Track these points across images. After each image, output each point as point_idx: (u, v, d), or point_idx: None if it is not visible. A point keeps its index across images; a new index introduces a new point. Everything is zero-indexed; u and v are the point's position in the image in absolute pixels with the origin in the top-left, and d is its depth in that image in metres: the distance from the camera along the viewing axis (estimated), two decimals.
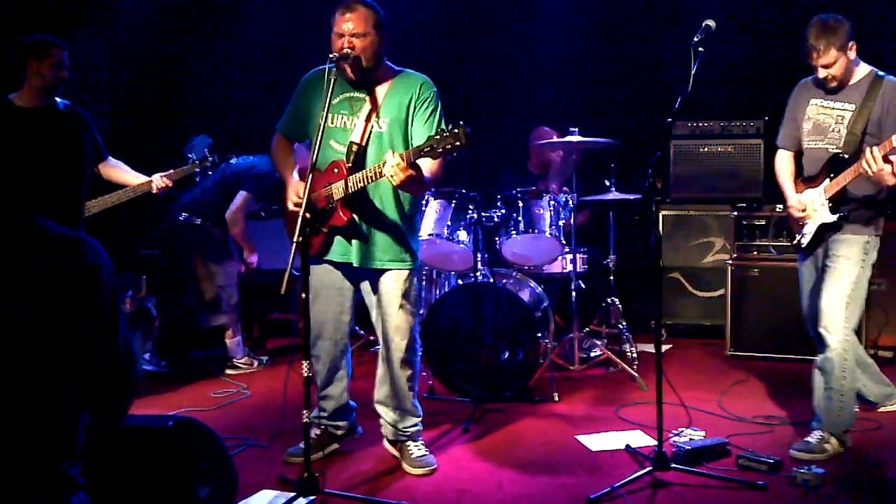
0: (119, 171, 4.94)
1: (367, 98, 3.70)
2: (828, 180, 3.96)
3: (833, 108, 4.01)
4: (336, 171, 3.65)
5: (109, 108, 5.47)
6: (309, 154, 3.43)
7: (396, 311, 3.78)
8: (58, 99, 4.51)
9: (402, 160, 3.37)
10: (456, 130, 3.31)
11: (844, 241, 3.95)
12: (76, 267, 1.96)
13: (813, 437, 3.95)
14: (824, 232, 4.01)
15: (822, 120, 4.04)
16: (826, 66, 3.88)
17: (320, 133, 3.38)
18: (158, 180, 4.91)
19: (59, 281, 1.93)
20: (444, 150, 3.33)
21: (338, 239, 3.74)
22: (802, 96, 4.15)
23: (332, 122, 3.66)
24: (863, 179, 3.82)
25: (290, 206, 3.72)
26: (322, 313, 3.84)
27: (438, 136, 3.34)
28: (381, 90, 3.71)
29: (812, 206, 4.02)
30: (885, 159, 3.67)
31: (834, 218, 3.95)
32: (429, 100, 3.72)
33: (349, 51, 3.55)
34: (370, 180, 3.56)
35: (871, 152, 3.66)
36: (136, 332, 2.21)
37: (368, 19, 3.61)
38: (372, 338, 5.80)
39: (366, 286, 3.85)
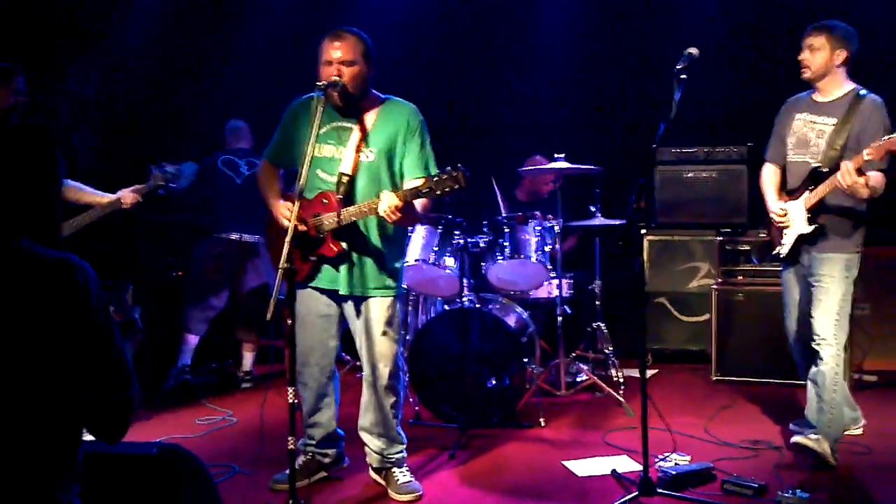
0: (81, 192, 4.90)
1: (355, 127, 3.72)
2: (808, 192, 4.06)
3: (815, 123, 4.13)
4: (325, 201, 3.67)
5: (102, 133, 5.48)
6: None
7: (380, 337, 3.79)
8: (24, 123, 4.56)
9: (399, 201, 3.40)
10: (455, 174, 3.36)
11: (827, 260, 4.05)
12: (65, 288, 1.96)
13: (809, 434, 4.05)
14: (802, 243, 4.12)
15: (805, 133, 4.16)
16: (810, 48, 4.03)
17: (307, 161, 3.40)
18: (129, 195, 4.87)
19: (48, 302, 1.94)
20: (443, 192, 3.37)
21: (325, 266, 3.76)
22: (790, 113, 4.28)
23: (319, 152, 3.67)
24: (840, 192, 3.91)
25: (283, 222, 3.69)
26: (308, 339, 3.84)
27: (437, 179, 3.38)
28: (369, 119, 3.74)
29: (791, 217, 4.12)
30: (859, 172, 3.78)
31: (811, 229, 4.05)
32: (417, 130, 3.75)
33: (337, 79, 3.58)
34: (363, 215, 3.59)
35: (846, 166, 3.78)
36: (124, 342, 2.20)
37: (357, 48, 3.65)
38: (358, 363, 5.79)
39: (350, 312, 3.85)
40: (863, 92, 4.05)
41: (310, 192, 3.67)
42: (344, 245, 3.68)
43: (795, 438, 4.06)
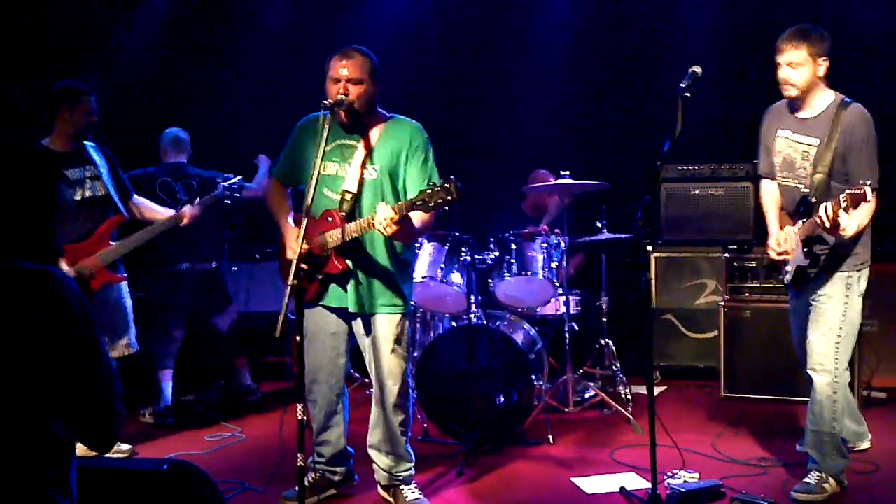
0: (148, 210, 5.03)
1: (359, 145, 3.75)
2: (800, 222, 3.92)
3: (799, 143, 3.95)
4: (329, 219, 3.70)
5: (106, 138, 5.52)
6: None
7: (389, 355, 3.81)
8: (86, 142, 4.76)
9: (395, 213, 3.42)
10: (447, 185, 3.38)
11: (825, 279, 3.90)
12: (44, 298, 1.97)
13: (812, 478, 3.93)
14: (805, 267, 3.97)
15: (790, 155, 3.99)
16: (789, 65, 3.78)
17: (315, 180, 3.43)
18: (188, 211, 4.94)
19: (28, 313, 1.95)
20: (436, 203, 3.39)
21: (333, 285, 3.78)
22: (771, 124, 4.11)
23: (324, 170, 3.69)
24: None
25: (289, 255, 3.70)
26: (317, 358, 3.86)
27: (430, 191, 3.40)
28: (373, 137, 3.77)
29: (790, 244, 3.96)
30: (837, 215, 3.59)
31: (807, 262, 3.92)
32: (420, 147, 3.78)
33: (343, 97, 3.62)
34: (363, 230, 3.61)
35: (823, 217, 3.59)
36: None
37: (365, 67, 3.69)
38: (367, 380, 5.80)
39: (359, 329, 3.87)
40: (846, 100, 3.86)
41: (316, 210, 3.70)
42: (348, 262, 3.71)
43: (794, 496, 3.88)
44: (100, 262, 4.56)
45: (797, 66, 3.79)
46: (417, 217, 3.60)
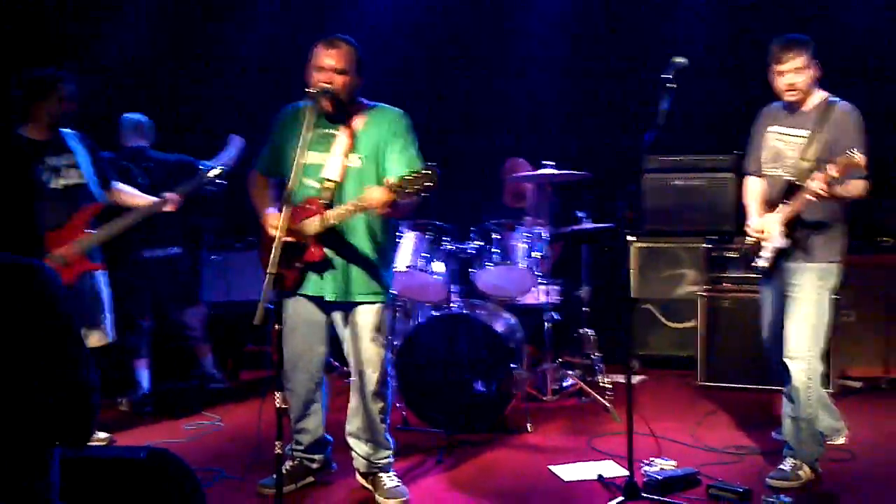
0: (128, 196, 4.97)
1: (341, 134, 3.74)
2: (782, 205, 4.02)
3: (789, 136, 4.08)
4: (310, 206, 3.69)
5: (97, 135, 5.47)
6: None
7: (368, 343, 3.81)
8: (65, 130, 4.69)
9: (387, 192, 3.43)
10: (427, 172, 3.38)
11: (799, 270, 4.00)
12: (22, 289, 1.96)
13: (786, 465, 4.00)
14: (780, 257, 4.07)
15: (779, 147, 4.11)
16: (795, 71, 3.94)
17: (296, 169, 3.43)
18: (172, 197, 4.88)
19: (8, 309, 1.94)
20: (415, 190, 3.40)
21: (311, 274, 3.77)
22: (764, 123, 4.24)
23: (306, 159, 3.66)
24: (815, 205, 3.89)
25: (271, 231, 3.69)
26: (297, 347, 3.86)
27: (410, 177, 3.40)
28: (356, 125, 3.76)
29: (769, 232, 4.08)
30: (830, 185, 3.75)
31: (787, 243, 4.01)
32: (402, 133, 3.78)
33: (327, 86, 3.61)
34: (345, 216, 3.61)
35: (817, 184, 3.75)
36: None
37: (350, 57, 3.69)
38: (346, 369, 5.80)
39: (338, 318, 3.87)
40: (833, 99, 4.01)
41: (298, 199, 3.69)
42: (326, 250, 3.70)
43: (769, 482, 3.95)
44: (76, 251, 4.51)
45: (801, 71, 3.96)
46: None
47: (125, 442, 4.79)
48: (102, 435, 4.78)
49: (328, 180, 3.71)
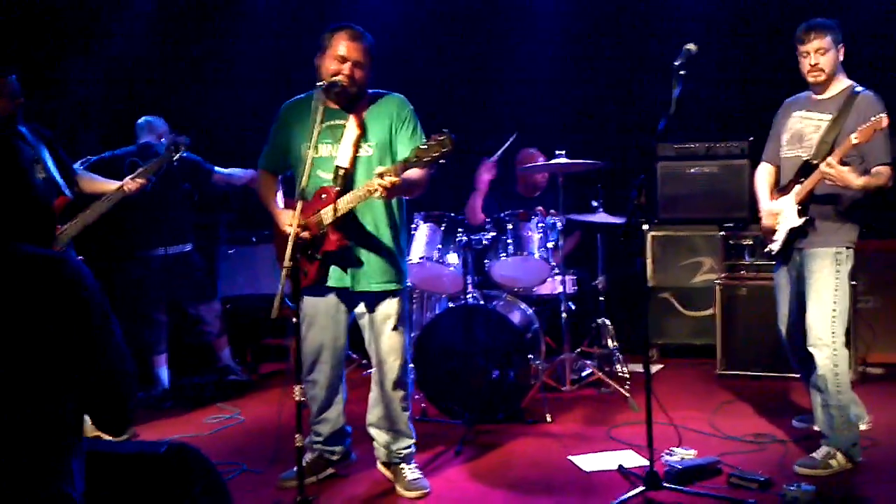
0: (93, 182, 4.93)
1: (349, 124, 3.74)
2: (798, 185, 4.04)
3: (811, 119, 4.11)
4: (324, 196, 3.69)
5: (103, 133, 5.50)
6: None
7: (390, 332, 3.82)
8: (22, 127, 4.57)
9: (392, 175, 3.43)
10: (441, 137, 3.39)
11: (815, 255, 4.01)
12: (55, 283, 1.97)
13: (818, 453, 3.98)
14: (794, 238, 4.07)
15: (800, 129, 4.14)
16: (818, 52, 3.97)
17: (308, 162, 3.44)
18: (130, 183, 4.82)
19: (40, 298, 1.95)
20: (432, 157, 3.41)
21: (333, 266, 3.78)
22: (787, 112, 4.26)
23: (316, 153, 3.67)
24: (828, 185, 3.90)
25: (286, 229, 3.67)
26: (319, 338, 3.87)
27: (425, 146, 3.41)
28: (363, 115, 3.77)
29: (783, 213, 4.09)
30: (843, 163, 3.79)
31: (801, 221, 4.01)
32: (409, 118, 3.82)
33: (342, 79, 3.63)
34: (359, 200, 3.60)
35: (828, 159, 3.80)
36: None
37: (368, 50, 3.72)
38: (364, 361, 5.81)
39: (360, 308, 3.88)
40: (858, 88, 4.03)
41: (311, 192, 3.69)
42: (344, 237, 3.70)
43: (796, 469, 3.94)
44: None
45: (825, 51, 3.99)
46: (412, 172, 3.59)
47: (146, 436, 4.82)
48: None
49: (340, 168, 3.72)
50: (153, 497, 2.60)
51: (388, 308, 3.82)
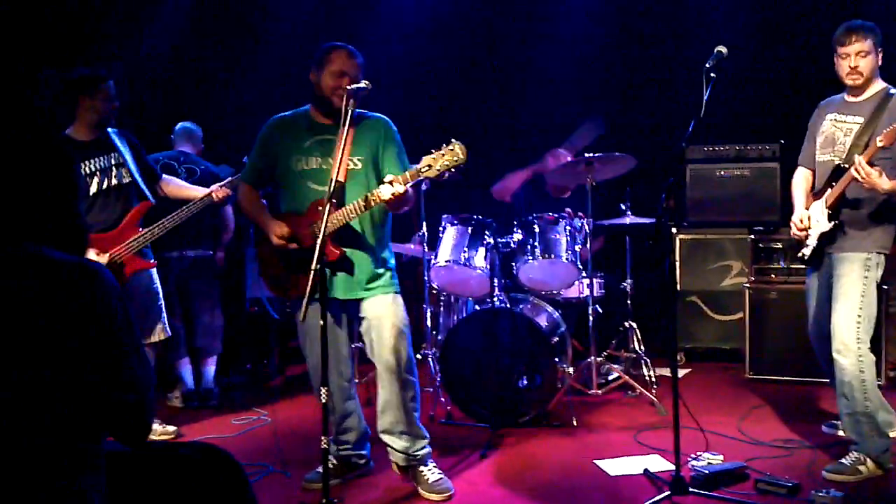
0: (179, 188, 5.05)
1: (337, 139, 3.77)
2: (829, 190, 4.02)
3: (845, 122, 4.08)
4: (320, 208, 3.72)
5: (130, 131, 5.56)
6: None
7: (391, 333, 3.83)
8: (109, 129, 4.76)
9: (401, 183, 3.50)
10: (452, 147, 3.41)
11: (844, 260, 3.97)
12: (82, 290, 1.99)
13: (848, 459, 3.93)
14: (825, 244, 4.04)
15: (833, 133, 4.11)
16: (858, 54, 3.93)
17: (336, 171, 3.53)
18: (219, 190, 4.89)
19: (66, 305, 1.97)
20: (443, 167, 3.44)
21: (328, 275, 3.80)
22: (821, 115, 4.23)
23: (306, 165, 3.82)
24: (859, 188, 3.86)
25: (275, 240, 3.78)
26: (320, 352, 3.87)
27: (434, 156, 3.43)
28: (350, 131, 3.80)
29: (815, 218, 4.07)
30: (871, 164, 3.75)
31: (830, 225, 3.98)
32: (394, 139, 3.92)
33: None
34: (361, 211, 3.67)
35: (857, 159, 3.75)
36: None
37: (362, 68, 3.85)
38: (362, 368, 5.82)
39: (360, 314, 3.90)
40: (893, 91, 4.00)
41: (301, 205, 3.80)
42: (343, 248, 3.75)
43: (825, 474, 3.89)
44: (130, 250, 4.59)
45: (865, 55, 3.96)
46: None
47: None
48: (171, 428, 4.89)
49: (335, 181, 3.75)
50: (181, 497, 2.63)
51: (384, 310, 3.84)
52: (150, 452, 2.54)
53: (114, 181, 4.66)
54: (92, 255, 4.44)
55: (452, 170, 3.48)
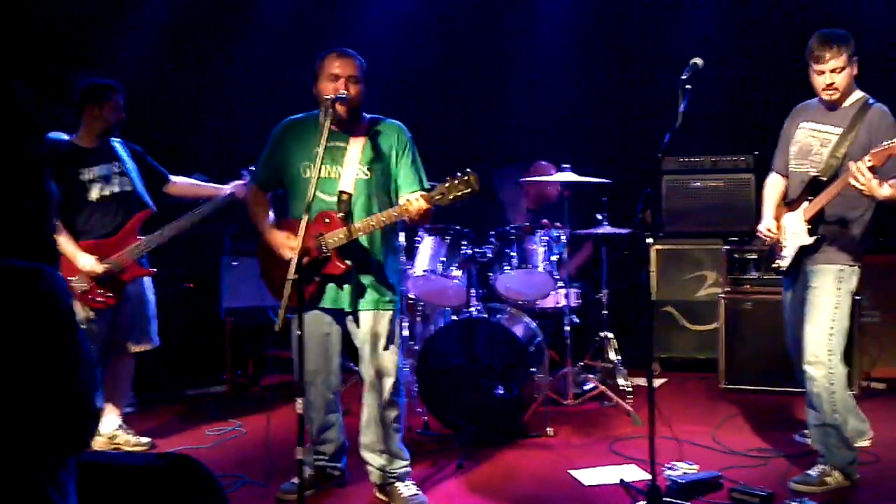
0: (189, 187, 4.99)
1: (348, 147, 3.77)
2: (807, 202, 3.97)
3: (820, 132, 4.02)
4: (327, 220, 3.71)
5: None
6: None
7: (384, 352, 3.83)
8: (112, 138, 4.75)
9: (426, 203, 3.51)
10: (466, 178, 3.43)
11: (818, 272, 3.95)
12: (31, 295, 1.97)
13: (814, 470, 3.94)
14: (803, 256, 4.02)
15: (808, 143, 4.06)
16: (834, 71, 3.85)
17: (315, 180, 3.48)
18: (242, 188, 4.69)
19: (13, 311, 1.95)
20: (455, 197, 3.45)
21: (329, 286, 3.79)
22: (795, 120, 4.18)
23: (317, 173, 3.72)
24: (839, 202, 3.84)
25: (287, 255, 3.68)
26: (312, 360, 3.85)
27: (448, 185, 3.46)
28: (361, 138, 3.81)
29: (791, 230, 4.04)
30: (872, 171, 3.61)
31: (811, 240, 3.95)
32: (409, 146, 3.86)
33: (345, 92, 3.67)
34: (381, 225, 3.65)
35: (856, 165, 3.59)
36: None
37: (361, 67, 3.79)
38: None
39: (353, 328, 3.88)
40: (871, 101, 3.95)
41: (309, 214, 3.73)
42: (349, 262, 3.73)
43: (791, 485, 3.90)
44: (129, 257, 4.58)
45: (841, 70, 3.87)
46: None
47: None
48: (144, 440, 4.83)
49: (344, 192, 3.74)
50: None
51: (382, 328, 3.83)
52: (124, 464, 2.51)
53: (115, 189, 4.64)
54: (92, 261, 4.47)
55: (464, 199, 3.49)
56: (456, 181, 3.44)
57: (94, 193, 4.60)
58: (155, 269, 4.81)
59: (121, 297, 4.63)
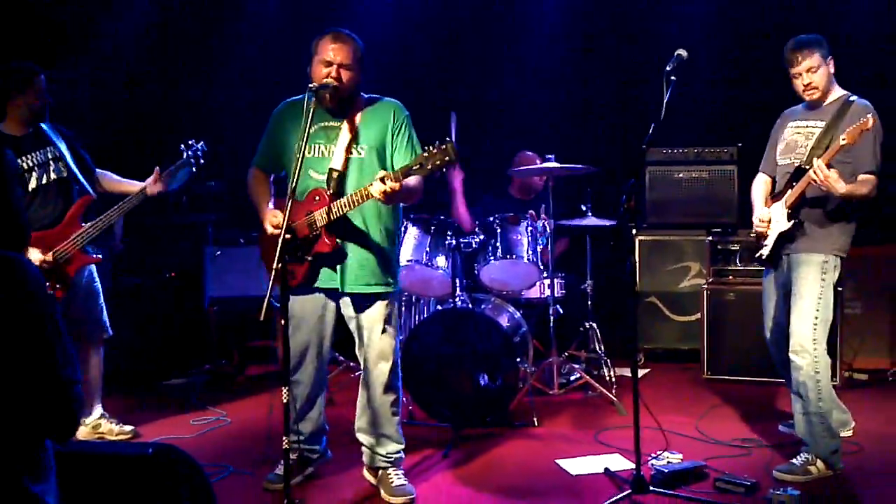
0: (113, 182, 4.86)
1: (343, 126, 3.75)
2: (789, 190, 4.06)
3: (805, 127, 4.14)
4: (317, 198, 3.69)
5: (95, 134, 5.43)
6: None
7: (381, 335, 3.81)
8: (43, 124, 4.60)
9: (394, 180, 3.44)
10: (444, 146, 3.39)
11: (801, 261, 4.02)
12: (5, 285, 1.95)
13: (798, 459, 3.98)
14: (783, 243, 4.09)
15: (794, 139, 4.17)
16: (809, 71, 4.00)
17: (299, 162, 3.43)
18: (153, 186, 4.63)
19: None
20: (434, 166, 3.43)
21: (322, 267, 3.77)
22: (784, 123, 4.29)
23: (309, 152, 3.71)
24: (818, 189, 3.92)
25: (269, 230, 3.71)
26: (304, 340, 3.85)
27: (427, 154, 3.42)
28: (357, 117, 3.78)
29: (773, 218, 4.13)
30: (829, 167, 3.79)
31: (789, 225, 4.03)
32: (405, 124, 3.83)
33: (330, 81, 3.63)
34: (356, 204, 3.60)
35: (816, 162, 3.80)
36: None
37: (356, 53, 3.73)
38: (353, 364, 5.80)
39: (349, 311, 3.86)
40: (853, 98, 4.06)
41: (302, 193, 3.70)
42: (338, 239, 3.70)
43: (775, 474, 3.94)
44: (74, 246, 4.44)
45: (815, 69, 4.03)
46: (411, 179, 3.59)
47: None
48: (128, 428, 4.80)
49: (334, 170, 3.72)
50: (139, 499, 2.59)
51: (378, 311, 3.81)
52: (107, 453, 2.50)
53: (52, 175, 4.51)
54: (36, 253, 4.30)
55: (444, 169, 3.48)
56: (434, 150, 3.43)
57: (33, 182, 4.45)
58: (100, 257, 4.66)
59: (69, 289, 4.48)
